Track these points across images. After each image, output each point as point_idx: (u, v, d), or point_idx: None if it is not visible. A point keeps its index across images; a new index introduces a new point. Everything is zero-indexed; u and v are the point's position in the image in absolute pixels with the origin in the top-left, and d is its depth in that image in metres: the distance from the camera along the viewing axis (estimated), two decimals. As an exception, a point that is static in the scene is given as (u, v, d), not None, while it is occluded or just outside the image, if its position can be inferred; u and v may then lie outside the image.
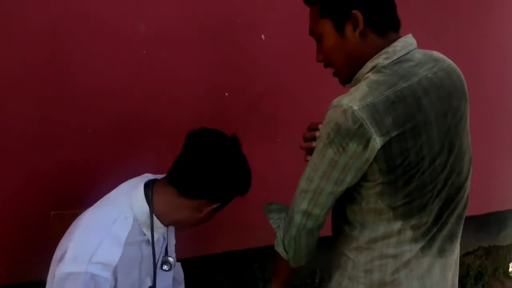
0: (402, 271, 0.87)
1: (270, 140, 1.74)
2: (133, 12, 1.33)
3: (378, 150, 0.78)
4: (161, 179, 0.98)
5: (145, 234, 0.90)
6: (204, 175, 0.92)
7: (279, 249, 0.97)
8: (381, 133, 0.77)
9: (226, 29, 1.51)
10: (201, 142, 0.95)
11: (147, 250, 0.92)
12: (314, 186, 0.85)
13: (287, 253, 0.95)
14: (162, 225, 0.93)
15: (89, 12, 1.25)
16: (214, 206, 0.94)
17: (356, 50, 0.87)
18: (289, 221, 0.92)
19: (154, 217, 0.90)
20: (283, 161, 1.79)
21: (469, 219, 2.74)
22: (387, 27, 0.87)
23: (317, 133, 0.90)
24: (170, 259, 1.01)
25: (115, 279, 0.82)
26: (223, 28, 1.50)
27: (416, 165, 0.81)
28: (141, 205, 0.89)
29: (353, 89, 0.83)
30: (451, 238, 0.93)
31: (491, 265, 2.93)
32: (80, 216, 0.91)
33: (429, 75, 0.84)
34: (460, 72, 0.92)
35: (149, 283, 0.94)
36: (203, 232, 1.63)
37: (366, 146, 0.78)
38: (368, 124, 0.77)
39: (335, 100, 0.82)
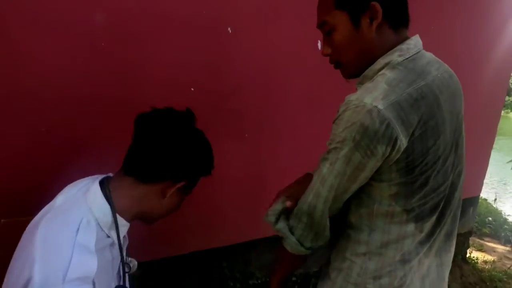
0: (408, 275, 0.87)
1: (238, 136, 1.70)
2: (90, 2, 1.23)
3: (403, 151, 0.75)
4: (116, 173, 0.90)
5: (108, 236, 0.83)
6: (159, 154, 0.85)
7: (288, 240, 0.91)
8: (407, 132, 0.75)
9: (192, 21, 1.44)
10: (151, 122, 0.87)
11: (114, 252, 0.86)
12: (341, 191, 0.82)
13: (301, 243, 0.90)
14: (126, 223, 0.87)
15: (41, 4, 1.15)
16: (178, 185, 0.88)
17: (370, 44, 0.83)
18: (310, 218, 0.87)
19: (118, 215, 0.83)
20: (251, 157, 1.76)
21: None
22: (401, 22, 0.85)
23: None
24: (131, 260, 0.95)
25: None
26: (189, 21, 1.43)
27: (433, 165, 0.80)
28: (101, 205, 0.80)
29: (369, 86, 0.78)
30: (448, 237, 0.93)
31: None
32: (30, 231, 0.80)
33: (439, 75, 0.83)
34: (457, 76, 0.93)
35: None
36: (169, 233, 1.58)
37: (394, 146, 0.74)
38: (395, 123, 0.73)
39: (352, 99, 0.77)
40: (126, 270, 0.92)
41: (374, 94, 0.75)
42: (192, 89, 1.51)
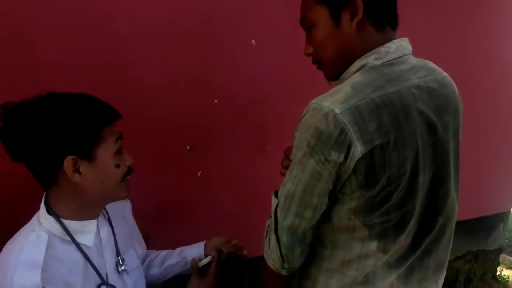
0: None
1: (259, 148, 1.70)
2: (116, 18, 1.27)
3: (359, 160, 0.68)
4: None
5: (75, 241, 0.82)
6: (26, 162, 0.79)
7: (270, 262, 0.87)
8: (363, 140, 0.67)
9: (215, 34, 1.46)
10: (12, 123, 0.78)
11: (93, 253, 0.86)
12: (297, 201, 0.76)
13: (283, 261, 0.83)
14: (84, 223, 0.84)
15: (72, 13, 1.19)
16: (67, 166, 0.78)
17: (350, 42, 0.78)
18: (276, 241, 0.82)
19: (67, 221, 0.82)
20: (273, 169, 1.75)
21: (458, 223, 2.74)
22: (386, 21, 0.78)
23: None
24: (123, 258, 0.94)
25: None
26: (212, 34, 1.45)
27: (397, 180, 0.72)
28: (46, 217, 0.81)
29: (335, 89, 0.73)
30: (438, 268, 0.87)
31: (480, 269, 2.94)
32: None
33: (421, 83, 0.75)
34: (456, 88, 0.85)
35: None
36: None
37: (347, 154, 0.68)
38: (350, 129, 0.67)
39: (313, 102, 0.72)
40: (121, 268, 0.92)
41: (335, 97, 0.70)
42: (216, 101, 1.52)
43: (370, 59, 0.76)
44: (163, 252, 1.19)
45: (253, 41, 1.52)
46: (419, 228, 0.80)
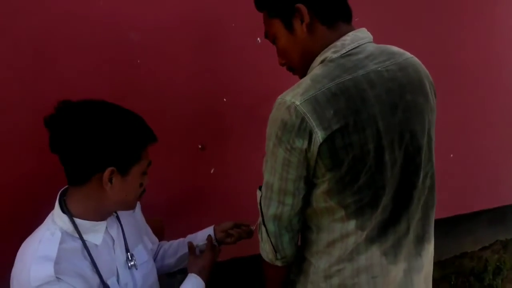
0: (362, 276, 0.85)
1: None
2: (126, 20, 1.32)
3: (321, 145, 0.75)
4: None
5: (83, 240, 0.88)
6: (68, 158, 0.86)
7: (264, 254, 0.95)
8: (322, 126, 0.75)
9: (221, 33, 1.49)
10: (51, 128, 0.85)
11: (104, 251, 0.92)
12: (277, 189, 0.83)
13: (276, 252, 0.91)
14: (95, 223, 0.91)
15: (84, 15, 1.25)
16: (107, 174, 0.85)
17: (306, 44, 0.85)
18: (266, 232, 0.89)
19: (80, 220, 0.88)
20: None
21: (484, 212, 2.69)
22: (335, 17, 0.85)
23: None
24: (133, 254, 0.99)
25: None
26: (218, 33, 1.49)
27: (362, 160, 0.78)
28: (60, 215, 0.88)
29: (297, 83, 0.81)
30: (419, 241, 0.91)
31: (509, 259, 2.85)
32: None
33: (379, 68, 0.81)
34: (422, 68, 0.88)
35: (116, 283, 0.93)
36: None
37: (310, 141, 0.75)
38: (310, 117, 0.74)
39: (279, 98, 0.81)
40: (130, 264, 0.98)
41: (296, 91, 0.78)
42: (225, 99, 1.55)
43: (328, 53, 0.82)
44: (175, 242, 1.25)
45: (258, 39, 1.54)
46: (395, 203, 0.85)
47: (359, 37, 0.84)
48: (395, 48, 0.88)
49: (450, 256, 2.63)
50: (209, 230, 1.24)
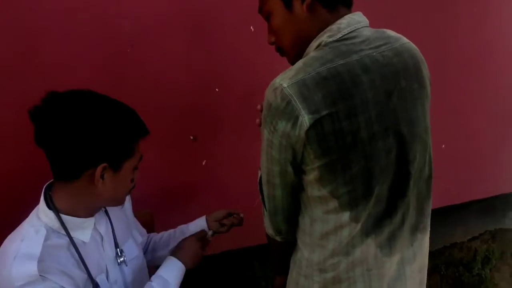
0: (357, 269, 0.84)
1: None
2: (117, 8, 1.28)
3: (309, 130, 0.72)
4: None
5: (70, 237, 0.84)
6: (57, 153, 0.80)
7: (266, 229, 0.95)
8: (309, 110, 0.72)
9: (214, 21, 1.45)
10: (37, 122, 0.80)
11: (90, 247, 0.88)
12: (265, 170, 0.83)
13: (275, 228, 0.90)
14: (83, 220, 0.86)
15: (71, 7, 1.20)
16: (99, 170, 0.81)
17: (304, 26, 0.82)
18: (264, 208, 0.91)
19: (67, 217, 0.84)
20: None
21: (474, 203, 2.72)
22: (337, 0, 0.82)
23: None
24: (122, 249, 0.96)
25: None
26: (210, 21, 1.45)
27: (353, 148, 0.75)
28: (45, 211, 0.83)
29: (291, 67, 0.78)
30: (413, 231, 0.89)
31: (498, 249, 2.89)
32: None
33: (374, 53, 0.78)
34: (418, 54, 0.86)
35: (105, 280, 0.90)
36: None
37: (294, 124, 0.73)
38: (296, 100, 0.72)
39: (273, 80, 0.78)
40: (119, 260, 0.94)
41: (287, 74, 0.76)
42: (217, 89, 1.52)
43: (323, 37, 0.79)
44: (166, 234, 1.22)
45: (251, 27, 1.51)
46: (391, 194, 0.83)
47: (355, 21, 0.81)
48: (391, 33, 0.86)
49: (440, 246, 2.66)
50: (201, 220, 1.21)
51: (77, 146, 0.79)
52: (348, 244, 0.83)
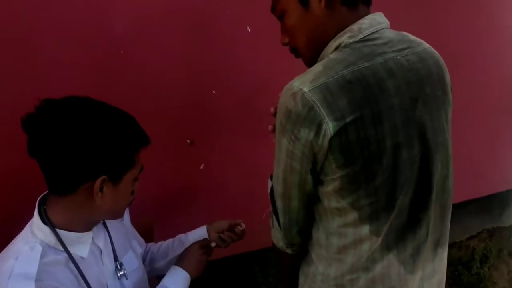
0: (377, 286, 0.79)
1: (262, 137, 1.66)
2: (111, 8, 1.24)
3: (332, 138, 0.67)
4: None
5: (68, 252, 0.79)
6: (53, 166, 0.75)
7: (275, 241, 0.89)
8: (334, 117, 0.67)
9: (209, 23, 1.42)
10: (30, 135, 0.75)
11: (90, 264, 0.84)
12: (281, 181, 0.77)
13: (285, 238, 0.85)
14: (80, 234, 0.82)
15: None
16: (98, 183, 0.76)
17: (320, 25, 0.76)
18: (276, 221, 0.84)
19: (63, 232, 0.79)
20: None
21: (472, 202, 2.71)
22: None
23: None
24: (122, 263, 0.92)
25: None
26: (206, 22, 1.41)
27: (378, 157, 0.71)
28: (40, 227, 0.78)
29: (309, 70, 0.73)
30: (434, 246, 0.85)
31: (496, 247, 2.90)
32: None
33: (398, 56, 0.73)
34: (441, 60, 0.82)
35: None
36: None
37: (318, 132, 0.68)
38: (319, 106, 0.67)
39: (287, 84, 0.73)
40: (119, 274, 0.90)
41: (306, 77, 0.70)
42: (214, 91, 1.48)
43: (344, 38, 0.75)
44: (164, 244, 1.18)
45: (248, 27, 1.48)
46: (413, 206, 0.79)
47: (376, 22, 0.76)
48: (412, 36, 0.81)
49: (439, 246, 2.66)
50: (201, 230, 1.17)
51: (73, 158, 0.74)
52: (368, 259, 0.78)
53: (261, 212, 1.74)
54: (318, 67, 0.71)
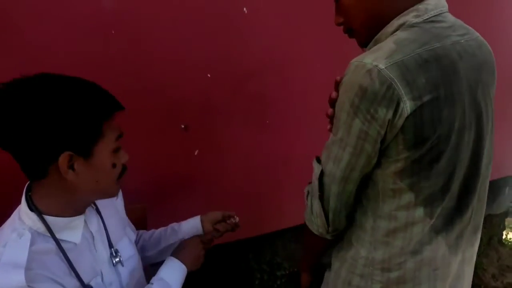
0: (424, 269, 0.78)
1: (259, 122, 1.63)
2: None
3: (408, 117, 0.66)
4: None
5: (55, 240, 0.76)
6: (15, 150, 0.70)
7: (314, 228, 0.84)
8: (412, 95, 0.65)
9: (205, 3, 1.37)
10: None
11: (82, 249, 0.79)
12: (344, 165, 0.74)
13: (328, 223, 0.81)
14: (70, 219, 0.77)
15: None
16: (63, 162, 0.70)
17: (380, 3, 0.74)
18: (321, 207, 0.80)
19: (51, 218, 0.75)
20: (273, 143, 1.69)
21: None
22: None
23: (333, 94, 0.75)
24: (116, 250, 0.88)
25: None
26: (201, 3, 1.36)
27: (446, 140, 0.70)
28: (27, 213, 0.74)
29: (375, 47, 0.71)
30: (475, 230, 0.85)
31: (486, 234, 2.93)
32: None
33: (462, 41, 0.73)
34: (490, 48, 0.82)
35: (101, 283, 0.82)
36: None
37: (396, 111, 0.66)
38: (398, 84, 0.65)
39: (354, 60, 0.70)
40: (115, 260, 0.86)
41: (377, 54, 0.68)
42: (209, 75, 1.44)
43: (409, 17, 0.73)
44: (156, 232, 1.13)
45: (244, 8, 1.43)
46: (462, 190, 0.78)
47: (441, 4, 0.75)
48: (465, 24, 0.81)
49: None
50: (195, 220, 1.14)
51: (28, 138, 0.68)
52: (417, 242, 0.77)
53: (256, 197, 1.72)
54: (388, 44, 0.69)
